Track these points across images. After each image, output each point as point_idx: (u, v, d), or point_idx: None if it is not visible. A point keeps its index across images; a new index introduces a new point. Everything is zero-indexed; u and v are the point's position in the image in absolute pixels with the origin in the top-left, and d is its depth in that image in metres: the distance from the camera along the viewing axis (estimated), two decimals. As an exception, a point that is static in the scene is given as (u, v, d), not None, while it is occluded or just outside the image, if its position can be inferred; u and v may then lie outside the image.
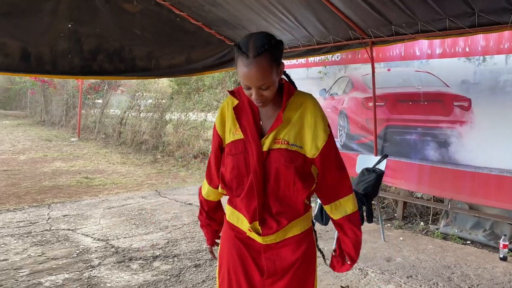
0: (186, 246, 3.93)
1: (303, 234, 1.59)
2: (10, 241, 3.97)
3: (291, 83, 1.64)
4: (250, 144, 1.51)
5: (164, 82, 11.10)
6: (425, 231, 4.62)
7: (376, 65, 5.19)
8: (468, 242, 4.26)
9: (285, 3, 4.71)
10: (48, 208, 5.19)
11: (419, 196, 5.07)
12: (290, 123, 1.52)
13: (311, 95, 1.61)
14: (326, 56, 5.84)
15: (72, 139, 12.81)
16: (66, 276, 3.22)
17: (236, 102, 1.59)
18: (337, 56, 5.85)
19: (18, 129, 15.47)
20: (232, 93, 1.62)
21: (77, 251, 3.74)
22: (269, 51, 1.41)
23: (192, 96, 9.51)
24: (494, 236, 4.22)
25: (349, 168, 5.31)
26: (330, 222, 4.01)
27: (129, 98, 12.59)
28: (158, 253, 3.74)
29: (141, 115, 11.58)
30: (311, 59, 6.20)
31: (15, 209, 5.13)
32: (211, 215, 1.83)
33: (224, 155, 1.62)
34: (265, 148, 1.49)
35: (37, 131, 14.78)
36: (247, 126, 1.54)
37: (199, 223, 1.90)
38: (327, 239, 4.22)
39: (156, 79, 10.73)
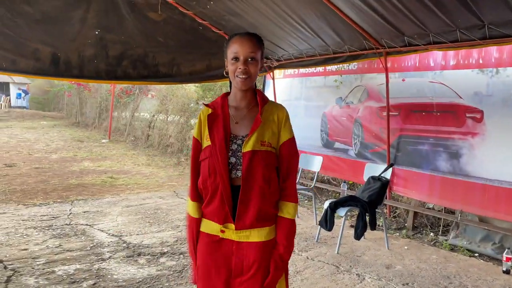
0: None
1: (270, 242, 1.69)
2: (33, 232, 4.26)
3: None
4: (215, 147, 1.65)
5: (190, 88, 11.41)
6: (433, 241, 4.60)
7: (391, 75, 5.24)
8: (476, 254, 4.22)
9: (300, 14, 4.85)
10: (71, 204, 5.50)
11: (431, 207, 5.05)
12: (269, 125, 1.69)
13: (282, 105, 1.82)
14: (343, 65, 5.92)
15: (103, 141, 13.33)
16: (78, 266, 3.46)
17: (210, 111, 1.75)
18: (353, 65, 5.92)
19: (54, 130, 16.21)
20: (207, 105, 1.79)
21: (91, 245, 3.98)
22: (259, 38, 1.72)
23: (216, 101, 9.72)
24: (503, 250, 4.15)
25: (360, 176, 5.37)
26: (335, 228, 4.10)
27: (158, 102, 13.01)
28: (166, 250, 3.93)
29: (168, 119, 11.94)
30: (328, 67, 6.29)
31: (41, 204, 5.47)
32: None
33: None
34: (248, 148, 1.62)
35: (71, 132, 15.46)
36: (215, 131, 1.69)
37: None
38: (331, 245, 4.28)
39: (183, 85, 11.06)
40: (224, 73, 1.76)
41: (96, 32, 5.38)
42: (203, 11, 5.59)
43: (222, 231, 1.66)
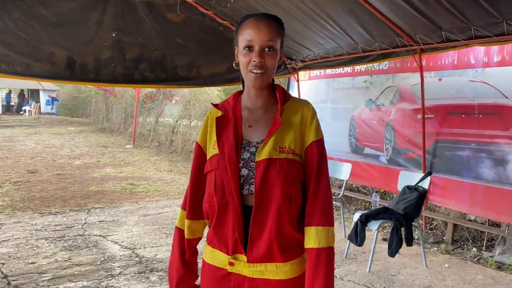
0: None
1: (298, 280, 1.31)
2: (43, 244, 4.06)
3: None
4: (224, 157, 1.32)
5: (213, 92, 11.21)
6: (477, 258, 4.14)
7: (426, 74, 4.81)
8: (528, 274, 3.75)
9: (327, 10, 4.51)
10: (87, 213, 5.31)
11: (472, 219, 4.58)
12: (291, 127, 1.34)
13: (307, 101, 1.44)
14: (373, 64, 5.52)
15: (127, 146, 13.28)
16: (85, 283, 3.21)
17: (220, 113, 1.42)
18: (384, 64, 5.51)
19: (80, 135, 16.34)
20: (216, 105, 1.45)
21: (102, 258, 3.73)
22: (280, 21, 1.38)
23: (239, 105, 9.47)
24: (559, 270, 3.67)
25: (394, 185, 4.95)
26: (366, 242, 3.71)
27: (181, 107, 12.87)
28: (180, 266, 3.63)
29: (191, 124, 11.76)
30: (357, 67, 5.90)
31: (57, 212, 5.30)
32: (189, 261, 1.47)
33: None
34: (263, 156, 1.28)
35: (96, 138, 15.52)
36: (224, 137, 1.35)
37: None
38: (362, 261, 3.89)
39: (206, 89, 10.86)
40: (234, 65, 1.41)
41: (113, 35, 5.19)
42: (223, 10, 5.32)
43: (231, 264, 1.32)
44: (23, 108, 25.93)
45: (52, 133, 17.18)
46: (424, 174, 3.94)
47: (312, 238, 1.29)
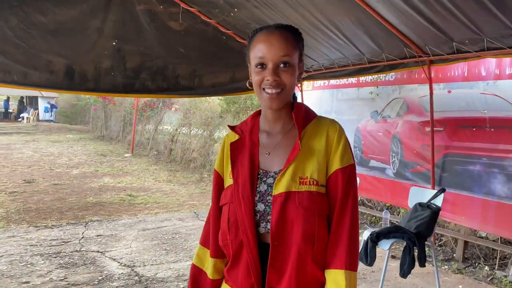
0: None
1: None
2: (38, 261, 3.89)
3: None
4: (238, 189, 1.17)
5: (214, 101, 11.07)
6: (490, 277, 3.98)
7: (435, 86, 4.68)
8: (544, 295, 3.59)
9: (333, 20, 4.39)
10: (85, 226, 5.14)
11: (484, 235, 4.42)
12: (314, 154, 1.17)
13: (334, 120, 1.26)
14: (379, 75, 5.40)
15: (126, 155, 13.12)
16: (82, 306, 3.04)
17: (236, 137, 1.27)
18: (391, 75, 5.39)
19: (79, 143, 16.17)
20: (232, 128, 1.30)
21: (100, 277, 3.57)
22: (296, 32, 1.23)
23: (241, 115, 9.35)
24: None
25: (402, 200, 4.80)
26: (377, 262, 3.55)
27: (181, 115, 12.73)
28: (182, 286, 3.46)
29: (191, 132, 11.61)
30: (362, 78, 5.77)
31: (53, 225, 5.13)
32: None
33: None
34: (280, 190, 1.12)
35: (95, 146, 15.35)
36: (239, 166, 1.21)
37: None
38: (372, 281, 3.74)
39: (206, 98, 10.73)
40: (247, 84, 1.27)
41: (114, 43, 5.06)
42: (226, 19, 5.20)
43: None
44: (21, 115, 25.76)
45: (50, 140, 17.00)
46: (436, 190, 3.78)
47: (330, 283, 1.12)
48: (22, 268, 3.71)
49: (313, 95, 6.71)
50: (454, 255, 4.51)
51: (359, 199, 6.05)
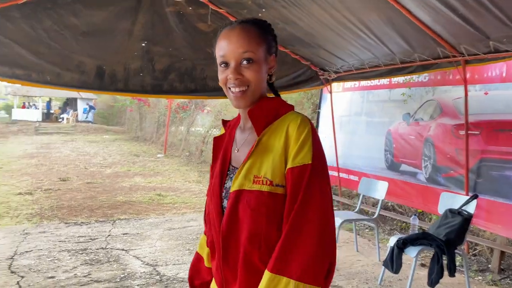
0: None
1: None
2: (65, 257, 3.98)
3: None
4: (211, 184, 1.20)
5: (244, 103, 11.08)
6: (529, 291, 3.74)
7: (470, 87, 4.47)
8: None
9: (363, 19, 4.27)
10: (112, 224, 5.23)
11: (522, 246, 4.17)
12: (271, 152, 1.08)
13: (303, 116, 1.14)
14: (411, 76, 5.21)
15: (159, 155, 13.34)
16: (102, 303, 3.07)
17: (223, 132, 1.28)
18: (424, 76, 5.19)
19: (114, 144, 16.60)
20: (224, 123, 1.30)
21: (122, 275, 3.60)
22: (261, 25, 1.16)
23: (270, 117, 9.29)
24: None
25: (433, 206, 4.59)
26: (403, 268, 3.40)
27: (213, 117, 12.83)
28: (202, 287, 3.44)
29: (222, 134, 11.66)
30: (394, 79, 5.59)
31: (82, 223, 5.24)
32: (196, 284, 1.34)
33: None
34: (234, 187, 1.09)
35: (129, 146, 15.71)
36: (215, 162, 1.23)
37: None
38: (398, 290, 3.58)
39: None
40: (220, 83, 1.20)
41: (143, 45, 5.13)
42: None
43: None
44: (61, 116, 26.77)
45: (87, 141, 17.57)
46: (469, 197, 3.59)
47: (261, 284, 1.02)
48: (49, 263, 3.80)
49: (343, 96, 6.57)
50: (489, 265, 4.27)
51: (389, 204, 5.85)
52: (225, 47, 1.12)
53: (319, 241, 1.01)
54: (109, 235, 4.74)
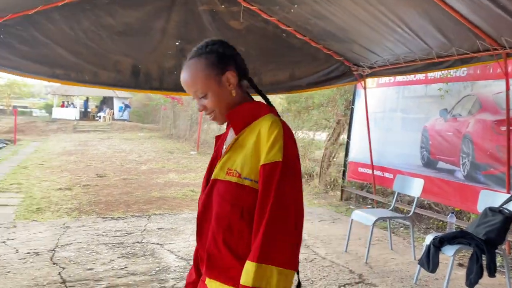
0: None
1: None
2: (102, 250, 4.10)
3: (269, 105, 1.34)
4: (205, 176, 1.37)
5: (276, 100, 11.05)
6: None
7: (512, 81, 4.29)
8: None
9: (398, 12, 4.18)
10: (148, 219, 5.35)
11: None
12: (243, 149, 1.23)
13: (276, 118, 1.25)
14: (449, 71, 5.05)
15: (191, 152, 13.55)
16: (138, 295, 3.15)
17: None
18: (462, 71, 5.02)
19: (149, 141, 16.98)
20: (227, 123, 1.44)
21: (157, 268, 3.67)
22: (207, 54, 1.27)
23: (302, 114, 9.25)
24: None
25: (472, 205, 4.45)
26: (439, 267, 3.31)
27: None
28: (234, 282, 3.47)
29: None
30: (430, 74, 5.44)
31: (119, 217, 5.39)
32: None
33: None
34: (212, 177, 1.26)
35: (163, 144, 16.03)
36: (214, 155, 1.41)
37: None
38: (435, 289, 3.49)
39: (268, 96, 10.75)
40: None
41: (177, 43, 5.21)
42: (287, 16, 5.15)
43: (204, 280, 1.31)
44: (98, 115, 27.59)
45: (123, 138, 18.04)
46: (510, 195, 3.45)
47: (242, 272, 1.14)
48: (88, 255, 3.93)
49: (377, 92, 6.45)
50: (533, 267, 4.08)
51: (425, 202, 5.71)
52: (183, 86, 1.29)
53: (296, 231, 1.16)
54: (144, 230, 4.85)
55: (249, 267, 1.12)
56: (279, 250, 1.12)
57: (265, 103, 1.34)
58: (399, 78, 5.92)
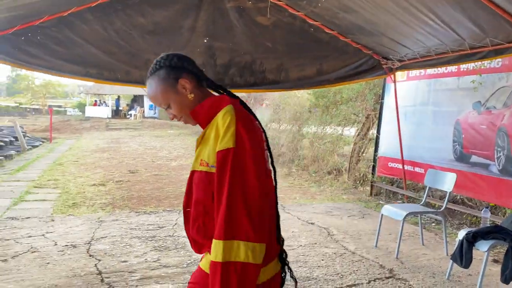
0: (295, 270, 3.62)
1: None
2: (136, 243, 4.23)
3: (232, 97, 1.44)
4: None
5: (303, 95, 11.02)
6: None
7: (550, 71, 4.13)
8: None
9: (429, 4, 4.09)
10: (178, 213, 5.46)
11: None
12: (208, 141, 1.36)
13: (231, 108, 1.35)
14: (482, 62, 4.91)
15: (220, 149, 13.65)
16: (171, 286, 3.24)
17: None
18: (496, 62, 4.87)
19: (178, 138, 17.26)
20: None
21: (188, 261, 3.76)
22: (157, 70, 1.42)
23: (330, 109, 9.18)
24: None
25: (507, 200, 4.33)
26: (473, 263, 3.25)
27: (271, 111, 12.91)
28: (264, 275, 3.51)
29: (280, 128, 11.71)
30: (463, 66, 5.30)
31: (151, 212, 5.54)
32: None
33: None
34: (191, 169, 1.43)
35: (192, 140, 16.24)
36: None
37: (315, 245, 1.63)
38: (468, 285, 3.42)
39: (296, 93, 10.74)
40: None
41: (205, 41, 5.29)
42: (314, 10, 5.13)
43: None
44: (129, 113, 28.22)
45: (153, 135, 18.41)
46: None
47: (212, 251, 1.26)
48: (122, 248, 4.07)
49: (407, 85, 6.34)
50: None
51: (458, 197, 5.58)
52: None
53: (253, 208, 1.24)
54: (175, 224, 4.96)
55: (217, 244, 1.24)
56: (239, 227, 1.23)
57: (229, 96, 1.45)
58: (430, 70, 5.80)
